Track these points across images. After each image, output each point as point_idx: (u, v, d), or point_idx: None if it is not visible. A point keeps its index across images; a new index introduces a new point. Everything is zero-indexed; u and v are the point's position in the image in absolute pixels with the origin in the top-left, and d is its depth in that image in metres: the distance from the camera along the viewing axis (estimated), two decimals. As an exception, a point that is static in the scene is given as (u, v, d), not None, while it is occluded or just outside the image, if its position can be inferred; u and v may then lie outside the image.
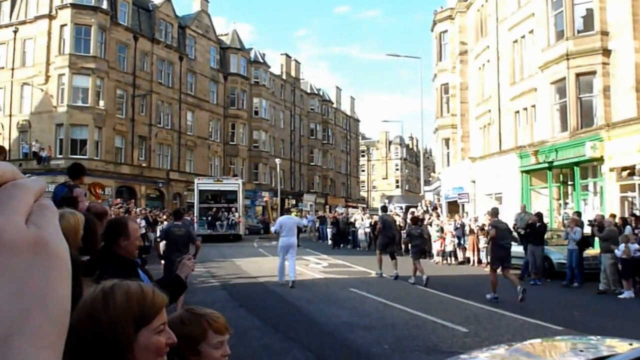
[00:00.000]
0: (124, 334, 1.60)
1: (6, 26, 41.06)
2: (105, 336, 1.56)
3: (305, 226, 30.76)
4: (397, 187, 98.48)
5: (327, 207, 63.38)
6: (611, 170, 20.07)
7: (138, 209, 27.91)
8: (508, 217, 18.40)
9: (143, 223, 22.67)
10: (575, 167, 22.26)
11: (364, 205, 69.69)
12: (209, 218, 35.65)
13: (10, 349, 0.34)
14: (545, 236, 17.77)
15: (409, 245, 17.93)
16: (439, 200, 35.00)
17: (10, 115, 40.51)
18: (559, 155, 22.52)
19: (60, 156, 37.02)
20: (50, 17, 38.77)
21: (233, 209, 36.39)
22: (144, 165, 43.63)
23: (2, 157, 8.27)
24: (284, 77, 67.07)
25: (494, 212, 14.39)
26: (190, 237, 10.84)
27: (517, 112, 27.35)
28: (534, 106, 25.62)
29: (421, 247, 17.71)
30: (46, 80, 38.70)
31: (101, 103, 38.85)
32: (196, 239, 11.13)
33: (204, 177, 40.67)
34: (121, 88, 41.74)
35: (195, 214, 34.31)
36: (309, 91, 73.07)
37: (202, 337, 2.24)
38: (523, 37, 26.70)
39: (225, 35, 57.18)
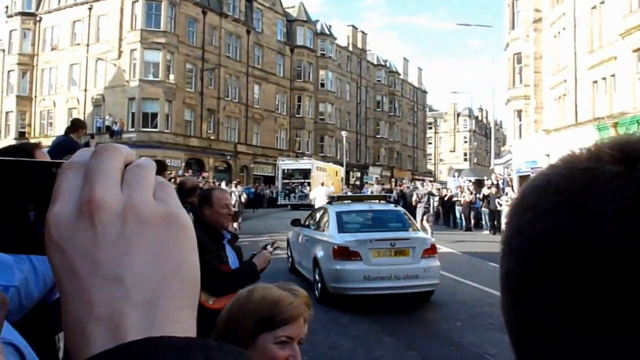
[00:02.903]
0: (243, 329, 1.69)
1: (82, 3, 42.56)
2: (230, 327, 1.72)
3: None
4: (465, 160, 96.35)
5: (393, 179, 62.89)
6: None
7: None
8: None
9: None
10: (658, 140, 21.03)
11: (431, 179, 68.70)
12: (287, 191, 40.23)
13: (158, 310, 0.38)
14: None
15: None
16: (509, 174, 33.97)
17: (86, 90, 42.25)
18: (641, 127, 21.37)
19: (132, 129, 38.35)
20: (123, -7, 39.83)
21: (305, 184, 39.22)
22: (212, 137, 44.56)
23: (84, 131, 8.55)
24: (350, 48, 66.43)
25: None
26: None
27: (595, 81, 26.04)
28: (613, 75, 24.32)
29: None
30: (119, 55, 39.97)
31: (171, 77, 39.78)
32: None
33: (285, 158, 46.35)
34: (190, 62, 42.58)
35: (278, 187, 41.17)
36: (375, 63, 72.14)
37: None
38: (602, 2, 25.25)
39: (292, 7, 57.01)
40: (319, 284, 9.84)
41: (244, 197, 27.57)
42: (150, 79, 38.82)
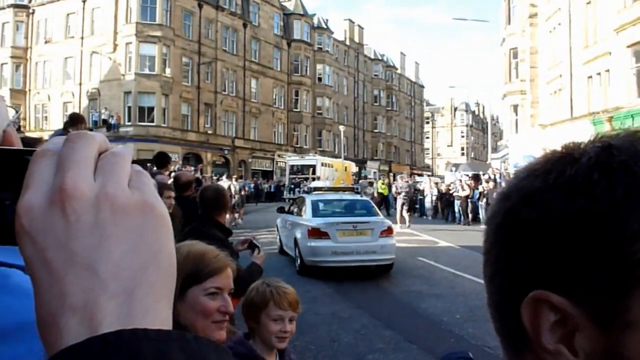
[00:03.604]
0: None
1: (76, -4, 42.32)
2: None
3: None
4: (463, 154, 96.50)
5: (391, 174, 62.97)
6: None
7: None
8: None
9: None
10: (652, 135, 21.12)
11: (429, 173, 68.71)
12: (292, 185, 40.20)
13: (134, 300, 0.37)
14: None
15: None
16: (506, 168, 34.03)
17: (80, 84, 42.10)
18: (636, 121, 21.43)
19: (129, 123, 38.31)
20: (117, -14, 39.64)
21: (310, 179, 39.29)
22: (209, 132, 44.52)
23: (83, 126, 8.46)
24: (347, 42, 66.35)
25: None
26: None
27: (590, 77, 26.09)
28: (608, 71, 24.38)
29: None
30: (114, 48, 39.81)
31: (167, 71, 39.72)
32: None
33: (293, 154, 47.29)
34: (187, 56, 42.46)
35: (286, 182, 41.57)
36: (372, 57, 72.07)
37: (263, 306, 2.28)
38: (598, -3, 25.31)
39: (289, 1, 56.91)
40: (298, 259, 11.98)
41: (244, 191, 28.42)
42: (146, 73, 38.74)
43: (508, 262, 0.52)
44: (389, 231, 11.97)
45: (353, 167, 46.91)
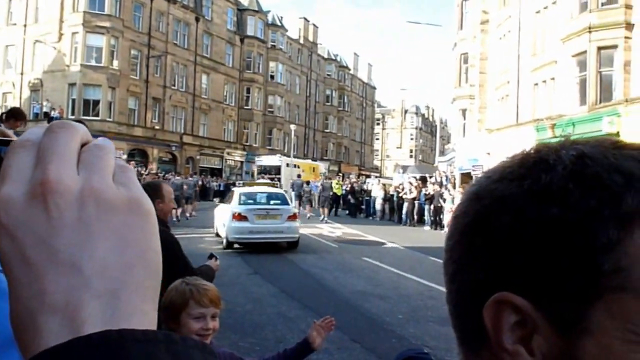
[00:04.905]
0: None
1: (20, -19, 40.72)
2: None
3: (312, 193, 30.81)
4: (411, 156, 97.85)
5: (341, 174, 63.17)
6: (629, 147, 19.63)
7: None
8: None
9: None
10: (592, 143, 21.81)
11: (377, 174, 69.32)
12: None
13: (120, 300, 0.36)
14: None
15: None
16: (452, 171, 34.60)
17: (22, 74, 40.47)
18: (576, 129, 22.02)
19: (72, 117, 36.93)
20: (65, -27, 38.31)
21: (276, 179, 39.51)
22: (157, 127, 43.61)
23: (23, 123, 7.79)
24: (301, 41, 66.22)
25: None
26: None
27: (537, 84, 26.81)
28: (553, 79, 25.12)
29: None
30: (59, 38, 38.46)
31: (115, 63, 38.65)
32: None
33: (263, 155, 47.61)
34: (136, 48, 41.45)
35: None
36: (326, 56, 72.20)
37: (183, 306, 2.25)
38: (546, 7, 25.99)
39: (243, -4, 56.41)
40: (225, 238, 15.35)
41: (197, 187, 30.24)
42: (92, 65, 37.59)
43: (473, 263, 0.53)
44: (294, 217, 15.80)
45: (321, 168, 48.38)
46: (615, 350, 0.45)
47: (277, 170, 42.25)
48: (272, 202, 16.45)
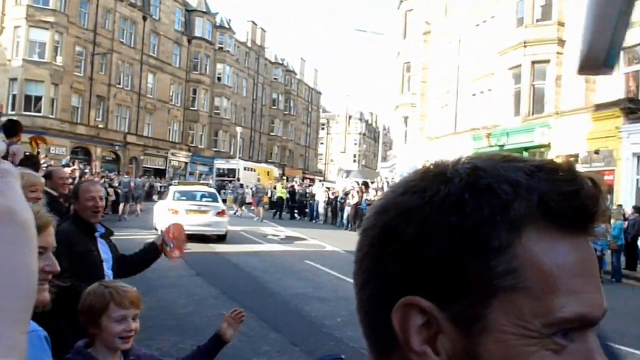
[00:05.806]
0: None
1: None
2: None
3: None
4: (355, 162, 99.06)
5: (285, 178, 63.59)
6: (557, 157, 20.92)
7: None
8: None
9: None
10: (524, 152, 22.99)
11: (321, 178, 70.09)
12: (218, 187, 41.19)
13: None
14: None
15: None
16: (393, 178, 35.55)
17: (-39, 66, 39.09)
18: (510, 139, 23.25)
19: (13, 113, 35.91)
20: (8, -35, 37.35)
21: (235, 181, 41.12)
22: (101, 126, 42.90)
23: None
24: (249, 44, 66.26)
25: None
26: None
27: (475, 95, 27.92)
28: (490, 90, 26.18)
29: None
30: (1, 31, 37.36)
31: (59, 59, 37.87)
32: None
33: (220, 159, 49.78)
34: (81, 45, 40.74)
35: (213, 184, 41.81)
36: (273, 60, 72.48)
37: (103, 309, 2.20)
38: (485, 21, 27.11)
39: (192, -3, 56.14)
40: (160, 230, 15.21)
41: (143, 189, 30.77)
42: (35, 60, 36.71)
43: (383, 272, 0.57)
44: (222, 213, 17.77)
45: (275, 172, 50.27)
46: (511, 345, 0.48)
47: (234, 173, 43.96)
48: (204, 199, 18.64)
